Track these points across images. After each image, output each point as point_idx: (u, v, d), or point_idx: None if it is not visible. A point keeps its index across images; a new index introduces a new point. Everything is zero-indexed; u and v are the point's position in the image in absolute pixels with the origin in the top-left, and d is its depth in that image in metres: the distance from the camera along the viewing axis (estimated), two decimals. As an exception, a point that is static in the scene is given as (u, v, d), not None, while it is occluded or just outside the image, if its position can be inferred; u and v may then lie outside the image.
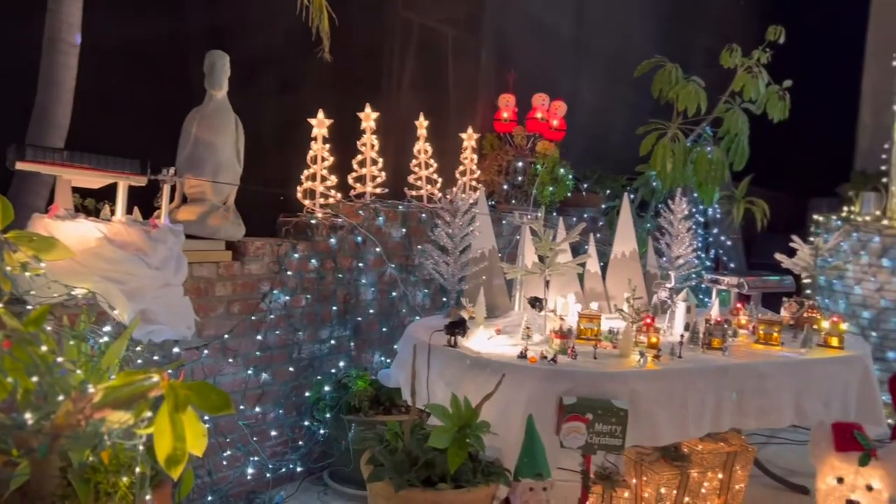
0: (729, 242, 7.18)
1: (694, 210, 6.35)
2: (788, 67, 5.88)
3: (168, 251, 2.72)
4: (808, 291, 6.03)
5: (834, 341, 3.83)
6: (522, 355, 3.16)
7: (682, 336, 3.53)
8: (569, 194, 5.39)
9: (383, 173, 4.46)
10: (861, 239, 5.77)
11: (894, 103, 5.79)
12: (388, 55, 5.25)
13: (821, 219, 6.08)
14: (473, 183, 5.20)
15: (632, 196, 5.77)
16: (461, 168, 5.16)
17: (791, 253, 4.57)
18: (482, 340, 3.40)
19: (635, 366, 3.18)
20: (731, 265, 7.16)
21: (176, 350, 3.26)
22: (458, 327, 3.31)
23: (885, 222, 5.70)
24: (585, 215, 5.34)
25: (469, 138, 5.16)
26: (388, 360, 3.88)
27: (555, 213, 5.13)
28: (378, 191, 4.44)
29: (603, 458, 3.95)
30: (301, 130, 4.20)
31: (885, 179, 5.90)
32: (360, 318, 4.26)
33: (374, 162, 4.45)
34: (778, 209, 7.44)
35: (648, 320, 3.54)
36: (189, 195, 3.60)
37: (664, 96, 5.45)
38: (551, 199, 5.16)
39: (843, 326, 3.89)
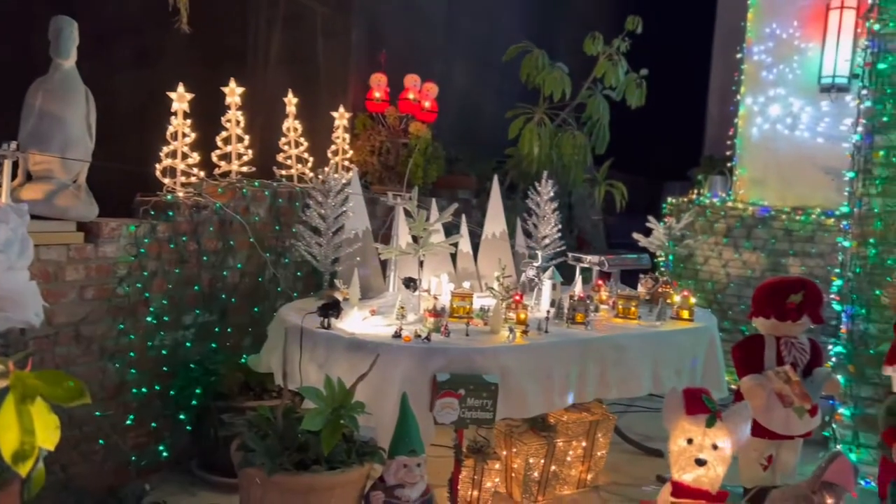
0: (590, 223, 7.54)
1: (559, 192, 6.61)
2: (646, 57, 6.23)
3: (10, 232, 2.50)
4: (663, 268, 6.46)
5: (685, 314, 4.13)
6: (397, 335, 3.17)
7: (548, 312, 3.67)
8: (441, 175, 5.45)
9: (250, 151, 4.31)
10: (709, 219, 6.23)
11: (737, 94, 6.27)
12: (254, 30, 5.06)
13: (673, 201, 6.50)
14: (346, 163, 5.13)
15: (502, 179, 5.92)
16: (333, 148, 5.08)
17: (647, 232, 4.86)
18: (356, 321, 3.38)
19: (505, 341, 3.28)
20: (594, 244, 7.52)
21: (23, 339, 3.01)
22: (331, 309, 3.27)
23: (729, 204, 6.17)
24: (458, 196, 5.43)
25: (341, 117, 5.08)
26: (259, 345, 3.77)
27: (428, 195, 5.17)
28: (245, 169, 4.28)
29: (475, 433, 4.06)
30: (160, 105, 3.97)
31: (729, 164, 6.39)
32: (227, 303, 4.12)
33: (240, 139, 4.28)
34: (636, 192, 7.89)
35: (517, 297, 3.65)
36: (34, 172, 3.32)
37: (531, 81, 5.61)
38: (424, 180, 5.19)
39: (693, 300, 4.20)
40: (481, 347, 3.19)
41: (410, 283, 3.72)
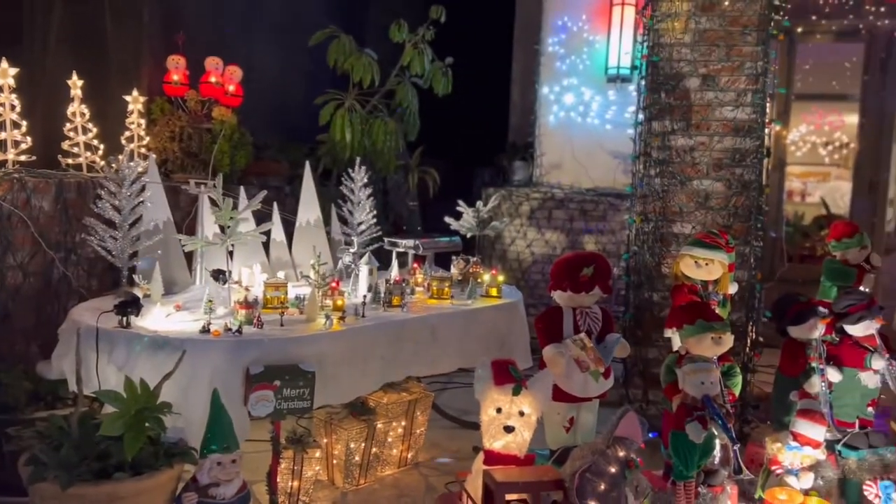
0: (405, 209, 7.66)
1: (374, 178, 6.65)
2: (451, 46, 6.40)
3: None
4: (476, 250, 6.72)
5: (494, 291, 4.34)
6: (205, 329, 3.04)
7: (364, 297, 3.69)
8: (250, 163, 5.26)
9: (29, 139, 3.90)
10: (514, 202, 6.58)
11: (536, 83, 6.66)
12: (30, 5, 4.56)
13: (483, 186, 6.79)
14: (143, 150, 4.79)
15: (314, 165, 5.84)
16: (128, 134, 4.72)
17: (458, 216, 5.03)
18: (159, 318, 3.19)
19: (322, 329, 3.26)
20: (410, 229, 7.66)
21: None
22: (129, 306, 3.06)
23: (532, 187, 6.56)
24: (270, 184, 5.27)
25: (135, 102, 4.73)
26: (49, 350, 3.43)
27: (237, 183, 4.98)
28: (23, 158, 3.87)
29: (295, 423, 4.00)
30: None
31: (531, 150, 6.78)
32: (6, 305, 3.71)
33: (17, 125, 3.86)
34: (449, 177, 8.11)
35: (334, 284, 3.64)
36: None
37: (340, 67, 5.57)
38: (232, 168, 4.99)
39: (500, 278, 4.43)
40: (297, 337, 3.15)
41: (220, 276, 3.57)
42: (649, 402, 4.68)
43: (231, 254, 3.61)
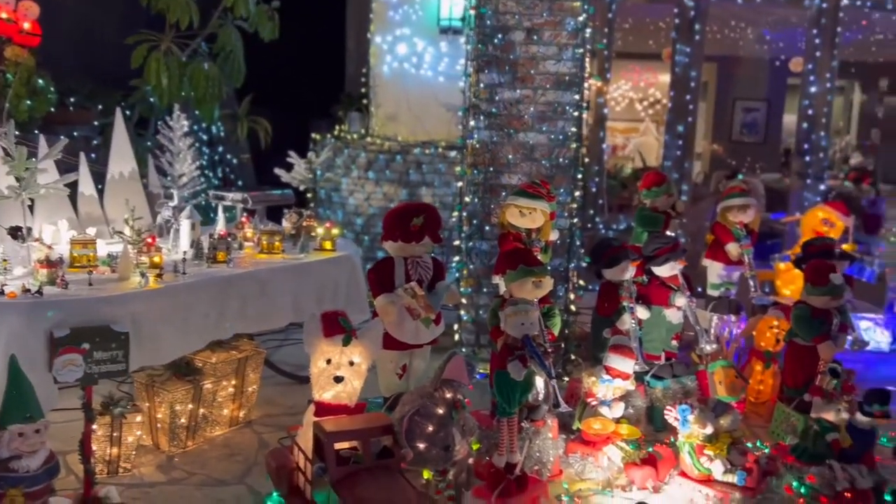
0: (236, 160, 7.34)
1: (196, 127, 6.28)
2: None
3: None
4: (312, 204, 6.59)
5: (328, 245, 4.28)
6: (-1, 291, 2.76)
7: (184, 253, 3.51)
8: (52, 109, 4.77)
9: None
10: (350, 155, 6.49)
11: (369, 31, 6.54)
12: None
13: (317, 137, 6.63)
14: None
15: (128, 112, 5.41)
16: None
17: (289, 168, 4.90)
18: (-57, 281, 2.85)
19: (136, 287, 3.07)
20: (240, 182, 7.36)
21: None
22: None
23: (368, 139, 6.50)
24: (75, 133, 4.82)
25: None
26: None
27: (37, 131, 4.50)
28: None
29: (115, 387, 3.78)
30: None
31: (365, 101, 6.69)
32: None
33: None
34: (284, 129, 7.84)
35: (150, 240, 3.42)
36: None
37: (154, 6, 5.14)
38: (30, 115, 4.50)
39: (335, 231, 4.37)
40: (107, 296, 2.95)
41: (17, 233, 3.24)
42: (481, 345, 4.87)
43: (30, 208, 3.28)
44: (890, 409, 3.36)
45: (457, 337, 4.92)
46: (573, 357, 4.70)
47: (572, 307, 4.92)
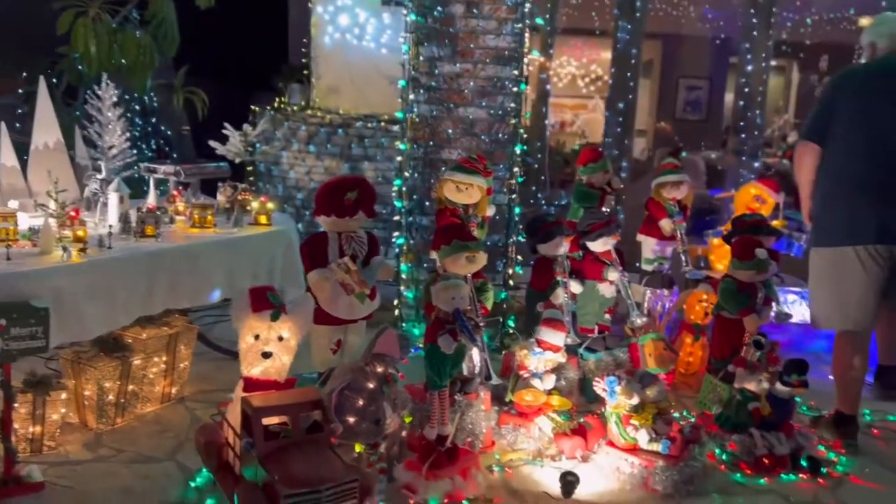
0: (171, 132, 7.14)
1: (128, 97, 6.09)
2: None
3: None
4: (252, 178, 6.48)
5: (263, 219, 4.22)
6: None
7: (110, 227, 3.42)
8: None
9: None
10: (291, 128, 6.38)
11: (310, 1, 6.40)
12: None
13: (256, 109, 6.49)
14: None
15: (55, 80, 5.20)
16: None
17: (226, 141, 4.79)
18: None
19: (58, 262, 2.98)
20: (175, 155, 7.18)
21: None
22: None
23: (309, 112, 6.39)
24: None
25: None
26: None
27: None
28: None
29: (43, 364, 3.69)
30: None
31: (306, 72, 6.57)
32: None
33: None
34: (227, 101, 7.65)
35: (73, 213, 3.33)
36: None
37: (81, -30, 4.95)
38: (-53, 83, 4.30)
39: (270, 206, 4.31)
40: (26, 271, 2.85)
41: (-72, 207, 3.11)
42: (422, 320, 4.88)
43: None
44: (807, 379, 3.51)
45: (397, 312, 4.93)
46: (511, 331, 4.76)
47: (511, 282, 4.97)
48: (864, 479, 3.42)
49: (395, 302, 4.93)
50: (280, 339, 2.87)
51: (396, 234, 4.94)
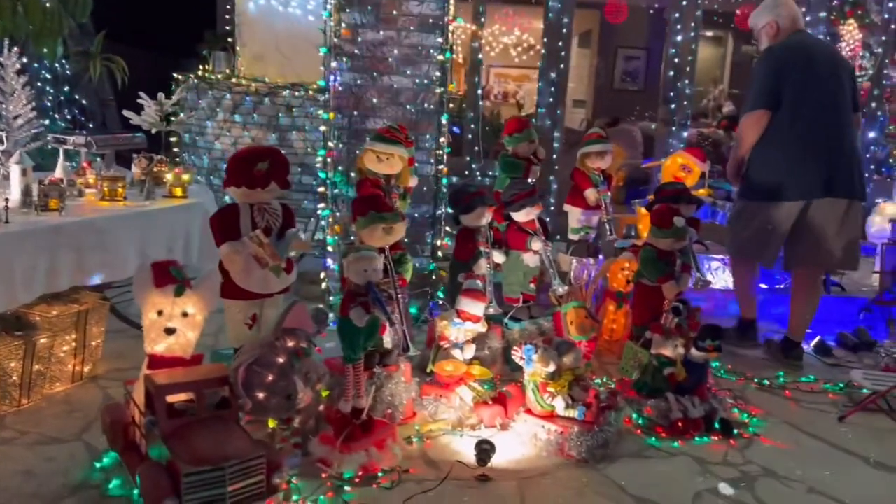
0: (87, 101, 6.85)
1: (37, 65, 5.81)
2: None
3: None
4: (176, 149, 6.27)
5: (178, 191, 4.11)
6: None
7: (6, 200, 3.25)
8: None
9: None
10: (215, 97, 6.19)
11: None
12: None
13: (179, 77, 6.27)
14: None
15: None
16: None
17: (141, 110, 4.60)
18: None
19: (-53, 238, 2.83)
20: (97, 125, 6.91)
21: None
22: None
23: (234, 80, 6.20)
24: None
25: None
26: None
27: None
28: None
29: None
30: None
31: (231, 39, 6.37)
32: None
33: None
34: (149, 68, 7.38)
35: (-34, 187, 3.16)
36: None
37: (-21, -72, 4.66)
38: None
39: (186, 177, 4.18)
40: (-89, 248, 2.70)
41: None
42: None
43: None
44: (720, 344, 3.60)
45: (324, 285, 4.87)
46: (441, 301, 4.75)
47: (440, 253, 4.95)
48: (773, 438, 3.54)
49: (322, 275, 4.86)
50: (185, 314, 2.78)
51: (322, 205, 4.85)
